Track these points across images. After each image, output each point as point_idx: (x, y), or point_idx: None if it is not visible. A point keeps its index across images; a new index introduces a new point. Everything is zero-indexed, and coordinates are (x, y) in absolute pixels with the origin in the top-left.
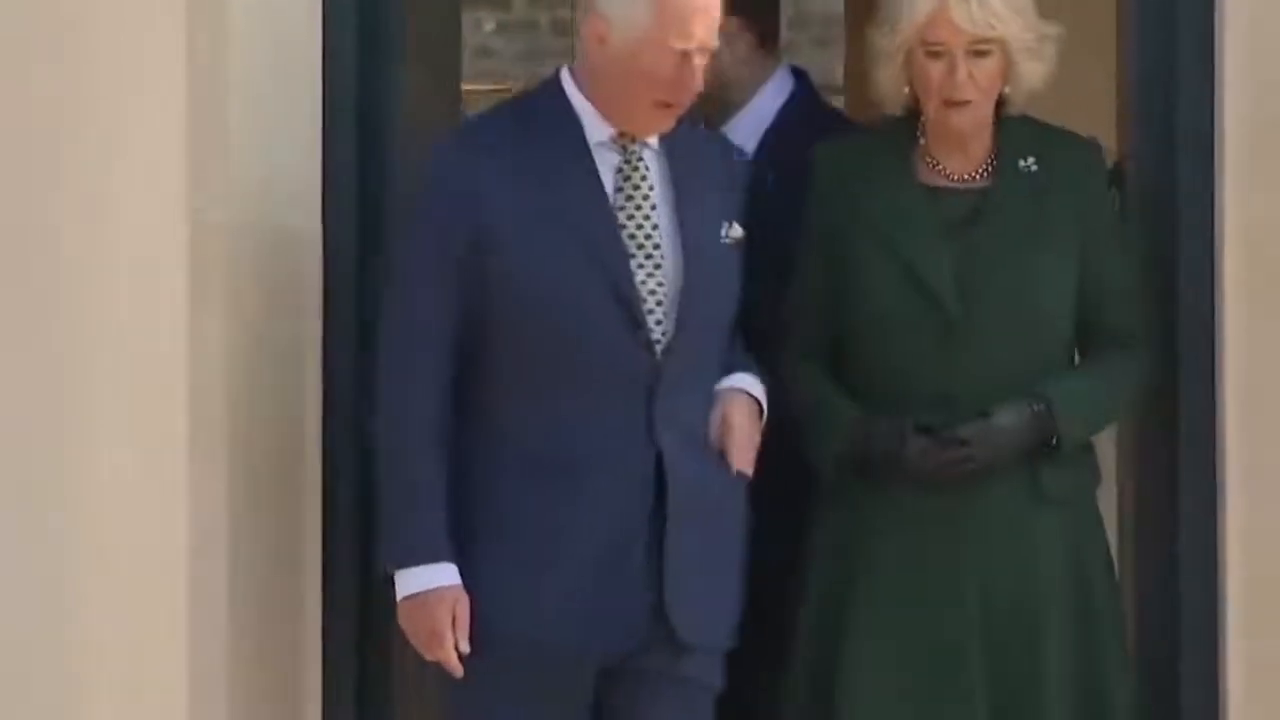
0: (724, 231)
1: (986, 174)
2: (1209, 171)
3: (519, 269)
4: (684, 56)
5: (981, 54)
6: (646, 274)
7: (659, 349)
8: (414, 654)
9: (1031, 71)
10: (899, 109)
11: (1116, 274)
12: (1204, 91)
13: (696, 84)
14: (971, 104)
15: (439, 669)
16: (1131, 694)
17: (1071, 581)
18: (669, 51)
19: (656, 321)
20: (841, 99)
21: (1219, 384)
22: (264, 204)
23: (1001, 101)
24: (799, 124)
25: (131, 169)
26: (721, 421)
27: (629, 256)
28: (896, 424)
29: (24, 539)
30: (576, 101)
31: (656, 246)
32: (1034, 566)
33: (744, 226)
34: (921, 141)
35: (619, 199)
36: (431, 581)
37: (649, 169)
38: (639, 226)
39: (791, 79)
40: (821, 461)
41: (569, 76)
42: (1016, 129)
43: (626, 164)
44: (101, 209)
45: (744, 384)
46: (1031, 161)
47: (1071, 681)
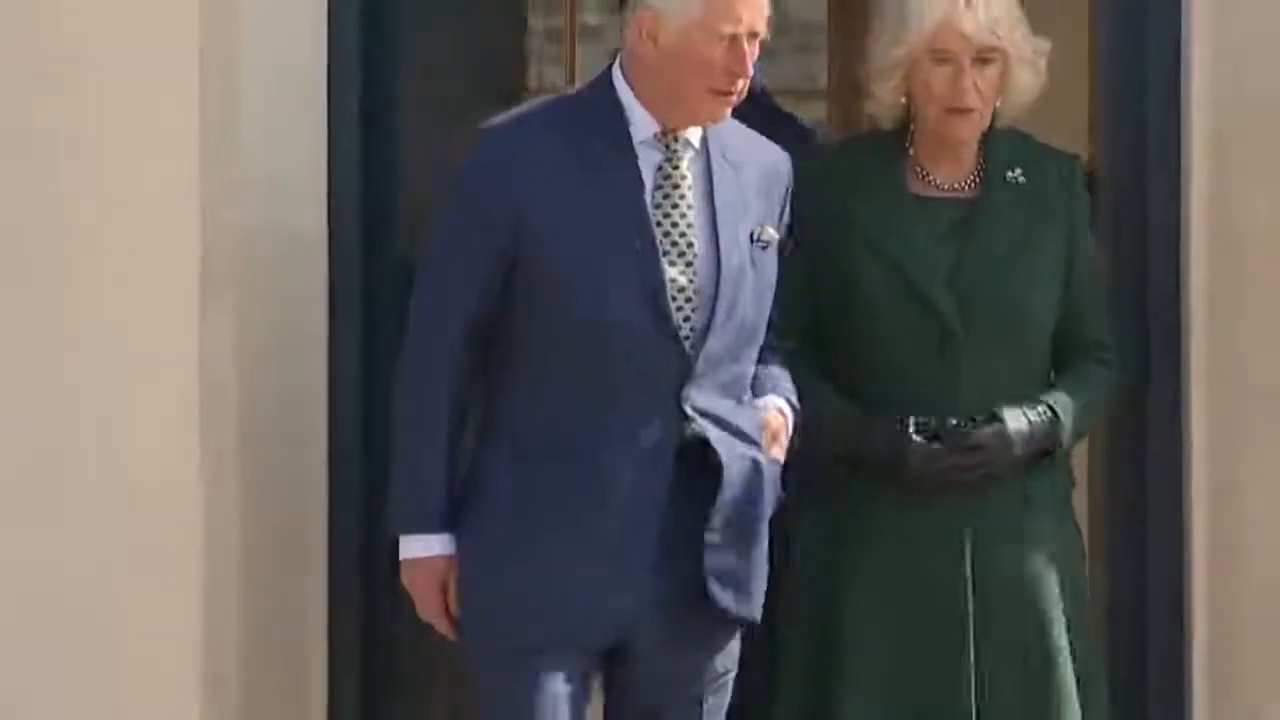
0: (757, 233)
1: (974, 184)
2: (1175, 180)
3: (550, 256)
4: (733, 40)
5: (986, 62)
6: (679, 270)
7: (688, 344)
8: (422, 650)
9: (1026, 84)
10: (892, 122)
11: (1095, 288)
12: (1171, 102)
13: (747, 69)
14: (974, 112)
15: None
16: (1104, 689)
17: (1058, 584)
18: (718, 36)
19: (685, 317)
20: (824, 106)
21: (1185, 387)
22: (273, 204)
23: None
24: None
25: (142, 170)
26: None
27: (661, 252)
28: (895, 424)
29: (35, 538)
30: (625, 97)
31: (690, 244)
32: (1029, 569)
33: (788, 231)
34: (911, 152)
35: (657, 196)
36: (426, 550)
37: (690, 167)
38: (674, 224)
39: None
40: (820, 461)
41: (619, 73)
42: (1003, 141)
43: (668, 162)
44: (112, 209)
45: (779, 405)
46: (1019, 173)
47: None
